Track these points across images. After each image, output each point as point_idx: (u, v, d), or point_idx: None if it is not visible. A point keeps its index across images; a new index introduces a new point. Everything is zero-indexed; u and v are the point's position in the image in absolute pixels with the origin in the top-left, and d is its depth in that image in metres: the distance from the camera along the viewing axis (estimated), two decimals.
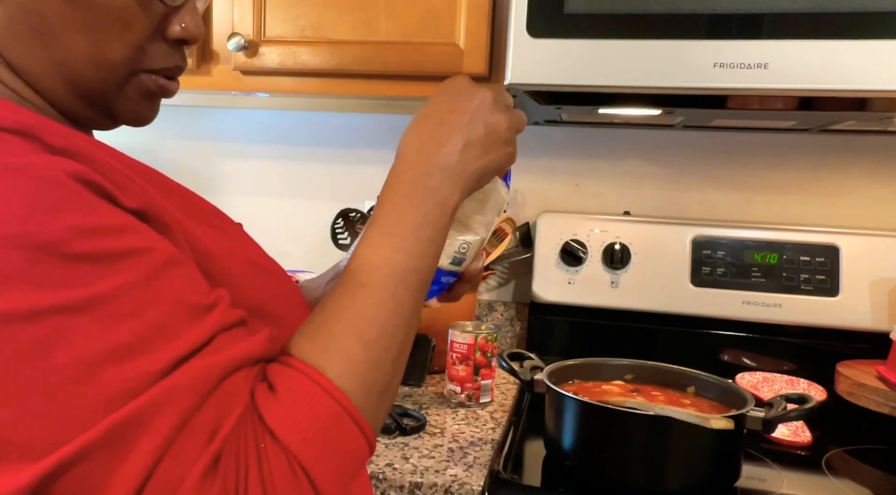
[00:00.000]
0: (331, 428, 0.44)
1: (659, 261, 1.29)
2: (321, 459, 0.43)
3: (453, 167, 0.56)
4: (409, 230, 0.53)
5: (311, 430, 0.44)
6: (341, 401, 0.45)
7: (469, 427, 1.04)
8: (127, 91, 0.51)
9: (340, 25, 1.14)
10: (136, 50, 0.50)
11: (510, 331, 1.47)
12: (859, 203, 1.33)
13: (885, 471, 0.97)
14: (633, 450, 0.84)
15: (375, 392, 0.48)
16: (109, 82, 0.50)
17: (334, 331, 0.48)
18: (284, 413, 0.43)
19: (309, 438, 0.43)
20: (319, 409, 0.44)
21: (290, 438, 0.43)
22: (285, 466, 0.42)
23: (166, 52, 0.52)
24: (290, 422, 0.43)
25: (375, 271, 0.51)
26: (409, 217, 0.54)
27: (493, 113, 0.58)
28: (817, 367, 1.21)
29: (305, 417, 0.44)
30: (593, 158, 1.43)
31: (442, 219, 0.55)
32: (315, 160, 1.55)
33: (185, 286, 0.43)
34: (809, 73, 0.89)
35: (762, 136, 1.36)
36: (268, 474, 0.41)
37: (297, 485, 0.42)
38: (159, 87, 0.53)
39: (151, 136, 1.61)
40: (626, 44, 0.93)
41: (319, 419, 0.44)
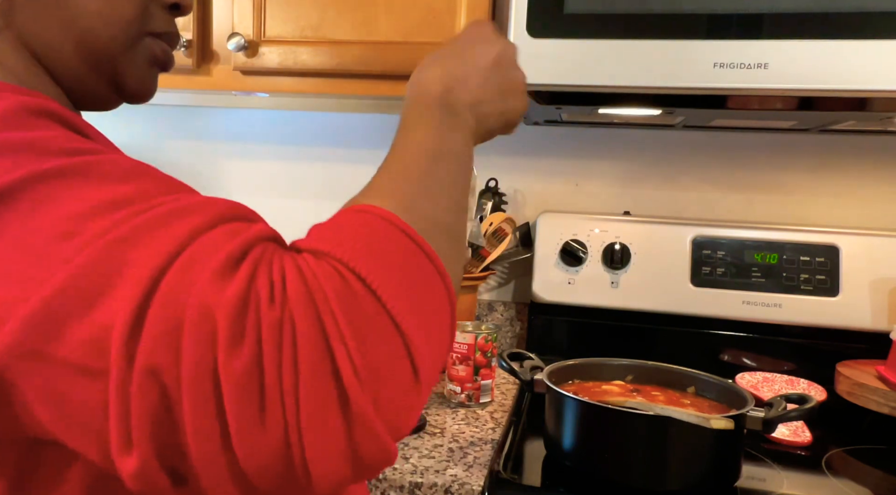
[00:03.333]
0: (382, 242, 0.37)
1: (659, 261, 1.29)
2: (376, 266, 0.35)
3: (474, 106, 0.53)
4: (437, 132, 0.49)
5: (358, 240, 0.37)
6: (389, 217, 0.39)
7: (469, 427, 1.04)
8: (135, 55, 0.52)
9: (340, 25, 1.14)
10: (142, 10, 0.51)
11: (510, 331, 1.47)
12: (859, 203, 1.33)
13: (885, 471, 0.97)
14: (633, 450, 0.84)
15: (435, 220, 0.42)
16: (120, 41, 0.50)
17: (371, 183, 0.45)
18: (322, 234, 0.38)
19: (356, 247, 0.36)
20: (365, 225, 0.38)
21: (333, 248, 0.36)
22: (330, 270, 0.35)
23: (163, 16, 0.53)
24: (329, 237, 0.37)
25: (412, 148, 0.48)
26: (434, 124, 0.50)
27: (514, 65, 0.57)
28: (817, 367, 1.21)
29: (348, 232, 0.37)
30: (593, 158, 1.43)
31: (465, 151, 0.51)
32: (315, 160, 1.55)
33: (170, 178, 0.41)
34: (809, 73, 0.89)
35: (762, 136, 1.36)
36: (310, 275, 0.34)
37: (349, 290, 0.34)
38: (164, 52, 0.54)
39: (151, 136, 1.62)
40: (626, 44, 0.93)
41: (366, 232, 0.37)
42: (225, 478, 0.32)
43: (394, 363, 0.34)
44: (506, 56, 0.56)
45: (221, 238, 0.34)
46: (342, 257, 0.35)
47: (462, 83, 0.52)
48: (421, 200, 0.43)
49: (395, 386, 0.34)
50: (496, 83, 0.55)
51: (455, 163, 0.48)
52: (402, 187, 0.44)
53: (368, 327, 0.33)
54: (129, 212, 0.34)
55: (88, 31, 0.48)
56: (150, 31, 0.52)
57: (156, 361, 0.31)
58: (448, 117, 0.51)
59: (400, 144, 0.49)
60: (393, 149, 0.49)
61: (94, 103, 0.55)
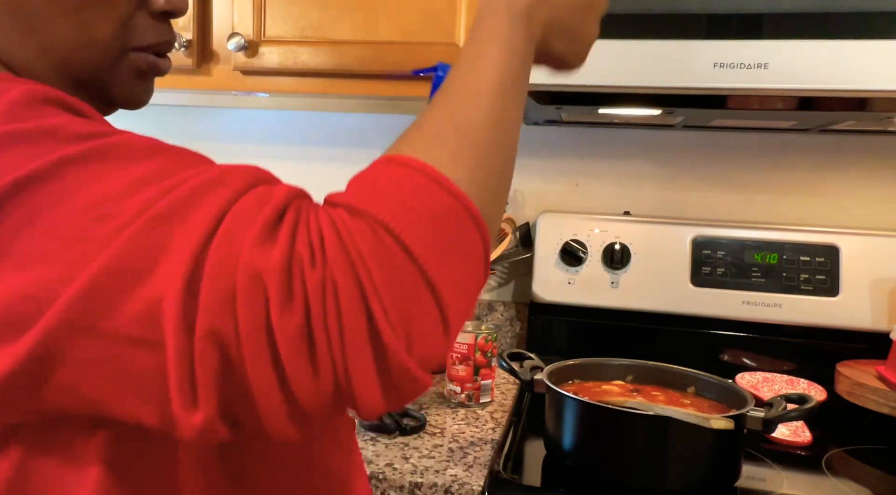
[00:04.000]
0: (417, 195, 0.38)
1: (659, 261, 1.29)
2: (410, 224, 0.37)
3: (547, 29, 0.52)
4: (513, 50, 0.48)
5: (393, 197, 0.38)
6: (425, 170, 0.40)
7: (469, 427, 1.04)
8: (118, 71, 0.50)
9: (340, 25, 1.14)
10: (122, 26, 0.49)
11: (510, 331, 1.47)
12: (859, 203, 1.33)
13: (885, 471, 0.97)
14: (633, 450, 0.84)
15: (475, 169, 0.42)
16: (100, 63, 0.49)
17: (420, 121, 0.44)
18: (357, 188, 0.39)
19: (391, 204, 0.38)
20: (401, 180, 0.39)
21: (368, 205, 0.38)
22: (366, 229, 0.37)
23: (153, 27, 0.51)
24: (365, 193, 0.38)
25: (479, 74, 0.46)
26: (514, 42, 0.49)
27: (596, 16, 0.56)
28: (817, 367, 1.21)
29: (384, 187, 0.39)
30: (593, 158, 1.43)
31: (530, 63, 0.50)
32: (315, 160, 1.55)
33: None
34: (809, 73, 0.89)
35: (762, 136, 1.36)
36: (347, 235, 0.36)
37: (385, 249, 0.36)
38: (150, 65, 0.52)
39: (151, 136, 1.61)
40: (626, 44, 0.93)
41: (401, 187, 0.39)
42: (286, 418, 0.36)
43: (424, 314, 0.38)
44: (599, 7, 0.56)
45: (253, 205, 0.37)
46: (377, 214, 0.37)
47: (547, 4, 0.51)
48: (465, 148, 0.43)
49: (425, 332, 0.38)
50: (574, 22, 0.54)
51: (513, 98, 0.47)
52: (450, 135, 0.43)
53: (401, 283, 0.37)
54: (159, 190, 0.36)
55: (66, 58, 0.48)
56: (133, 47, 0.50)
57: (215, 326, 0.34)
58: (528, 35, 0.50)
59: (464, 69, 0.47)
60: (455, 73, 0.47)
61: None
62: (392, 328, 0.36)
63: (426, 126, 0.44)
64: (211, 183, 0.37)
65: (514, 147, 0.48)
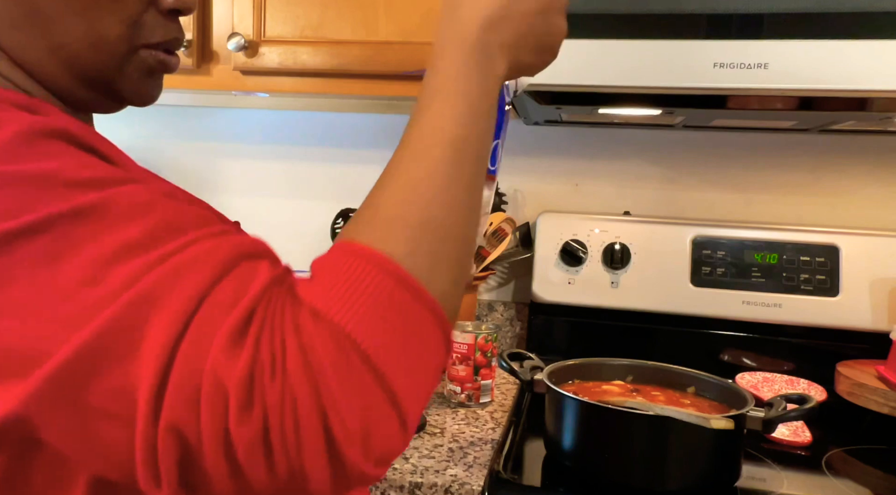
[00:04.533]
0: (379, 297, 0.39)
1: (659, 261, 1.29)
2: (371, 332, 0.38)
3: (510, 49, 0.51)
4: (467, 100, 0.48)
5: (356, 300, 0.39)
6: (386, 267, 0.40)
7: (469, 427, 1.04)
8: (128, 69, 0.51)
9: (340, 25, 1.14)
10: (132, 25, 0.49)
11: (510, 331, 1.47)
12: (859, 203, 1.33)
13: (885, 471, 0.97)
14: (633, 450, 0.84)
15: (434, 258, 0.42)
16: (109, 62, 0.49)
17: (377, 202, 0.44)
18: (321, 285, 0.39)
19: (354, 308, 0.38)
20: (362, 278, 0.39)
21: (331, 308, 0.38)
22: (328, 338, 0.37)
23: (162, 24, 0.51)
24: (329, 293, 0.39)
25: (431, 138, 0.46)
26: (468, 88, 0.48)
27: (561, 12, 0.55)
28: (817, 367, 1.21)
29: (347, 288, 0.39)
30: (593, 158, 1.43)
31: (495, 94, 0.50)
32: (315, 160, 1.55)
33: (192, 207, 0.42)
34: (809, 73, 0.89)
35: (762, 136, 1.36)
36: (308, 345, 0.37)
37: (345, 360, 0.37)
38: (159, 63, 0.52)
39: (151, 136, 1.62)
40: (626, 44, 0.93)
41: (363, 287, 0.39)
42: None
43: (384, 422, 0.39)
44: (556, 4, 0.54)
45: (228, 297, 0.38)
46: (339, 321, 0.38)
47: (503, 22, 0.50)
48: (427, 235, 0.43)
49: (384, 437, 0.39)
50: (538, 30, 0.53)
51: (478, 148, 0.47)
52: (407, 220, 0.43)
53: (361, 394, 0.38)
54: (144, 263, 0.37)
55: (76, 57, 0.48)
56: (143, 44, 0.51)
57: (178, 420, 0.36)
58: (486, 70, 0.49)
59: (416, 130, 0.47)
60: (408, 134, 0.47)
61: (94, 110, 0.54)
62: (349, 438, 0.37)
63: (383, 207, 0.44)
64: (193, 261, 0.38)
65: (475, 213, 0.47)
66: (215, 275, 0.38)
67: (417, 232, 0.42)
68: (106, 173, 0.40)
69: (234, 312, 0.37)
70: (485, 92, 0.49)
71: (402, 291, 0.40)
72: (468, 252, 0.47)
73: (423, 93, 0.49)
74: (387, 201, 0.44)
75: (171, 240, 0.39)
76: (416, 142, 0.46)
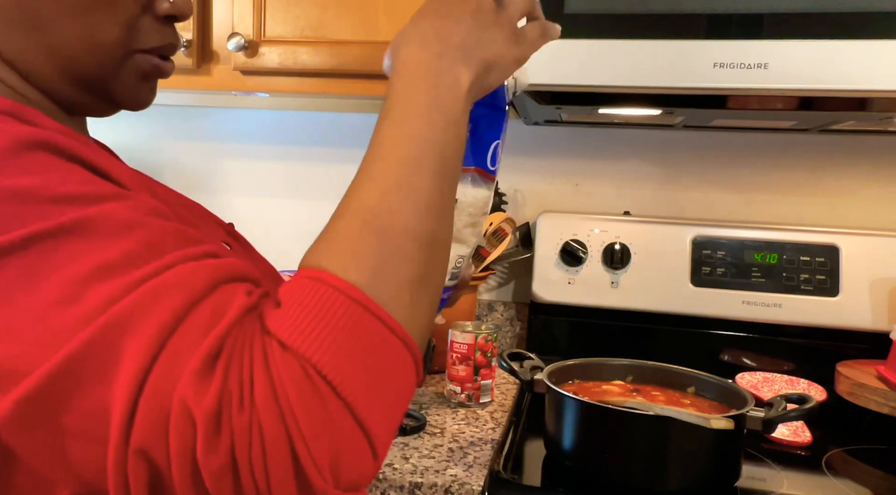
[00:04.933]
0: (346, 326, 0.39)
1: (659, 261, 1.29)
2: (339, 362, 0.38)
3: (465, 48, 0.51)
4: (419, 114, 0.48)
5: (322, 330, 0.39)
6: (352, 295, 0.40)
7: (469, 427, 1.04)
8: (123, 73, 0.51)
9: (340, 25, 1.14)
10: (128, 29, 0.49)
11: (510, 331, 1.47)
12: (859, 203, 1.33)
13: (885, 471, 0.97)
14: (633, 450, 0.84)
15: (398, 282, 0.42)
16: (105, 65, 0.49)
17: (338, 227, 0.45)
18: (289, 317, 0.39)
19: (320, 338, 0.38)
20: (329, 307, 0.40)
21: (297, 340, 0.38)
22: (296, 370, 0.37)
23: (157, 30, 0.52)
24: (296, 325, 0.39)
25: (384, 161, 0.47)
26: (420, 102, 0.49)
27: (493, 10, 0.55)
28: (817, 367, 1.21)
29: (313, 318, 0.39)
30: (593, 158, 1.43)
31: (456, 104, 0.50)
32: (315, 160, 1.55)
33: (172, 223, 0.42)
34: (809, 73, 0.89)
35: (762, 136, 1.36)
36: (276, 377, 0.37)
37: (313, 392, 0.37)
38: (154, 68, 0.52)
39: (151, 136, 1.62)
40: (626, 44, 0.93)
41: (330, 317, 0.39)
42: None
43: (353, 451, 0.39)
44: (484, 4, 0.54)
45: (202, 324, 0.38)
46: (306, 353, 0.38)
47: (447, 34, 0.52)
48: (388, 259, 0.43)
49: (354, 465, 0.39)
50: (486, 23, 0.53)
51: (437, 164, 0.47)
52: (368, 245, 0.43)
53: (329, 425, 0.38)
54: (121, 284, 0.37)
55: (72, 59, 0.48)
56: (138, 49, 0.51)
57: (147, 444, 0.36)
58: (438, 81, 0.50)
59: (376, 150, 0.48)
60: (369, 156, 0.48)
61: (87, 113, 0.54)
62: (318, 468, 0.37)
63: (343, 232, 0.44)
64: (169, 285, 0.38)
65: (442, 228, 0.47)
66: (191, 301, 0.38)
67: (380, 259, 0.42)
68: (88, 189, 0.40)
69: (205, 341, 0.37)
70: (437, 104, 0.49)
71: (370, 319, 0.40)
72: (435, 272, 0.46)
73: (380, 114, 0.50)
74: (347, 229, 0.44)
75: (150, 261, 0.39)
76: (371, 164, 0.47)
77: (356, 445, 0.39)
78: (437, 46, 0.51)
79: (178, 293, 0.38)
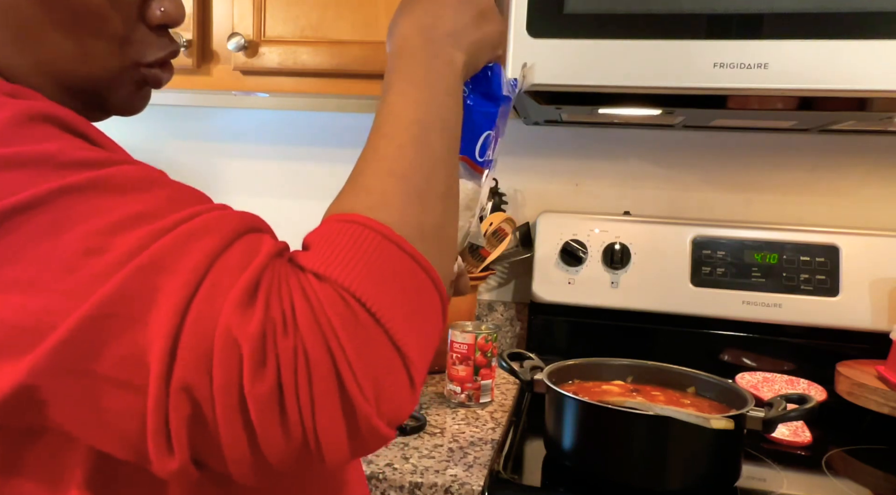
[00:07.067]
0: (378, 258, 0.40)
1: (659, 261, 1.29)
2: (375, 289, 0.39)
3: (455, 34, 0.54)
4: (422, 85, 0.51)
5: (356, 262, 0.40)
6: (382, 230, 0.41)
7: (469, 427, 1.04)
8: (120, 85, 0.50)
9: (340, 25, 1.14)
10: (121, 43, 0.49)
11: (510, 331, 1.47)
12: (859, 203, 1.33)
13: (885, 471, 0.97)
14: (633, 450, 0.84)
15: (423, 225, 0.44)
16: (101, 78, 0.49)
17: (360, 177, 0.46)
18: (322, 253, 0.40)
19: (357, 270, 0.39)
20: (360, 242, 0.41)
21: (334, 271, 0.39)
22: (334, 296, 0.38)
23: (154, 41, 0.51)
24: (330, 259, 0.40)
25: (396, 122, 0.49)
26: (419, 75, 0.51)
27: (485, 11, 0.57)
28: (817, 367, 1.21)
29: (346, 252, 0.40)
30: (593, 158, 1.43)
31: (452, 77, 0.53)
32: (315, 160, 1.55)
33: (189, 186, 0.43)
34: (809, 73, 0.89)
35: (762, 136, 1.36)
36: (317, 304, 0.38)
37: (353, 316, 0.38)
38: (153, 77, 0.52)
39: (151, 136, 1.62)
40: (626, 44, 0.93)
41: (362, 250, 0.40)
42: (252, 470, 0.38)
43: (393, 376, 0.39)
44: None
45: (237, 262, 0.38)
46: (343, 282, 0.39)
47: (438, 20, 0.54)
48: (411, 202, 0.45)
49: (394, 393, 0.39)
50: (471, 10, 0.55)
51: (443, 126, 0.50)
52: (391, 187, 0.45)
53: (370, 348, 0.38)
54: (150, 231, 0.37)
55: (66, 72, 0.47)
56: (136, 62, 0.50)
57: (190, 381, 0.35)
58: (433, 60, 0.52)
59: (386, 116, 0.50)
60: (379, 121, 0.50)
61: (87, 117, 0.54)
62: (362, 391, 0.37)
63: (367, 182, 0.46)
64: (201, 229, 0.38)
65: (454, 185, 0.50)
66: (224, 242, 0.38)
67: (404, 199, 0.44)
68: (102, 155, 0.40)
69: (243, 275, 0.37)
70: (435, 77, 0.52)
71: (401, 255, 0.41)
72: (451, 225, 0.48)
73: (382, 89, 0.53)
74: (370, 177, 0.46)
75: (176, 211, 0.39)
76: (382, 127, 0.49)
77: (396, 371, 0.39)
78: (429, 33, 0.53)
79: (210, 235, 0.38)
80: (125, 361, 0.36)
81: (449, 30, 0.54)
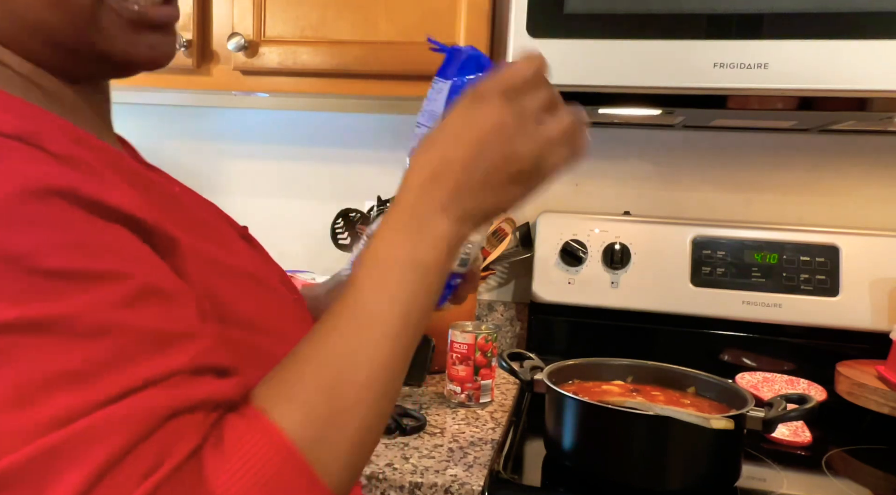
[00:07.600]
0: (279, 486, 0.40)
1: (659, 261, 1.29)
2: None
3: (452, 203, 0.48)
4: (395, 269, 0.47)
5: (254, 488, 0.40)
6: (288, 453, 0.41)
7: (469, 427, 1.04)
8: (102, 26, 0.47)
9: (340, 25, 1.14)
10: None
11: (510, 331, 1.47)
12: (859, 203, 1.33)
13: (885, 471, 0.97)
14: (633, 450, 0.84)
15: (339, 449, 0.43)
16: (76, 21, 0.46)
17: (293, 372, 0.45)
18: (226, 468, 0.40)
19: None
20: (265, 464, 0.40)
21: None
22: None
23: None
24: (231, 480, 0.39)
25: (352, 316, 0.46)
26: (399, 255, 0.47)
27: (510, 141, 0.48)
28: (817, 367, 1.21)
29: (248, 473, 0.40)
30: (593, 158, 1.43)
31: (438, 260, 0.48)
32: (315, 160, 1.55)
33: (159, 316, 0.40)
34: (809, 73, 0.89)
35: (762, 136, 1.36)
36: None
37: None
38: (137, 14, 0.48)
39: (151, 136, 1.61)
40: (626, 44, 0.93)
41: (264, 474, 0.40)
42: None
43: None
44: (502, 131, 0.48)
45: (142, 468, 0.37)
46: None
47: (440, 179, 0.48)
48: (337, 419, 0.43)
49: None
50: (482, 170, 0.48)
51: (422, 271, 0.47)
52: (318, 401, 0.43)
53: None
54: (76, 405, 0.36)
55: (39, 21, 0.45)
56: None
57: None
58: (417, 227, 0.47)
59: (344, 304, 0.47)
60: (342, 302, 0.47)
61: (96, 78, 0.51)
62: None
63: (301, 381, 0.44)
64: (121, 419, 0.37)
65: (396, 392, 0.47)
66: (138, 437, 0.37)
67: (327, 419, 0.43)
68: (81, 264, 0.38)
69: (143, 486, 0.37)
70: (415, 259, 0.47)
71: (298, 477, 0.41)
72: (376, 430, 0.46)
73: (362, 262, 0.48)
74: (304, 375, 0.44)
75: (117, 373, 0.38)
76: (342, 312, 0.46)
77: None
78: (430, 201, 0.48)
79: (125, 428, 0.37)
80: None
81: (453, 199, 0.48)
